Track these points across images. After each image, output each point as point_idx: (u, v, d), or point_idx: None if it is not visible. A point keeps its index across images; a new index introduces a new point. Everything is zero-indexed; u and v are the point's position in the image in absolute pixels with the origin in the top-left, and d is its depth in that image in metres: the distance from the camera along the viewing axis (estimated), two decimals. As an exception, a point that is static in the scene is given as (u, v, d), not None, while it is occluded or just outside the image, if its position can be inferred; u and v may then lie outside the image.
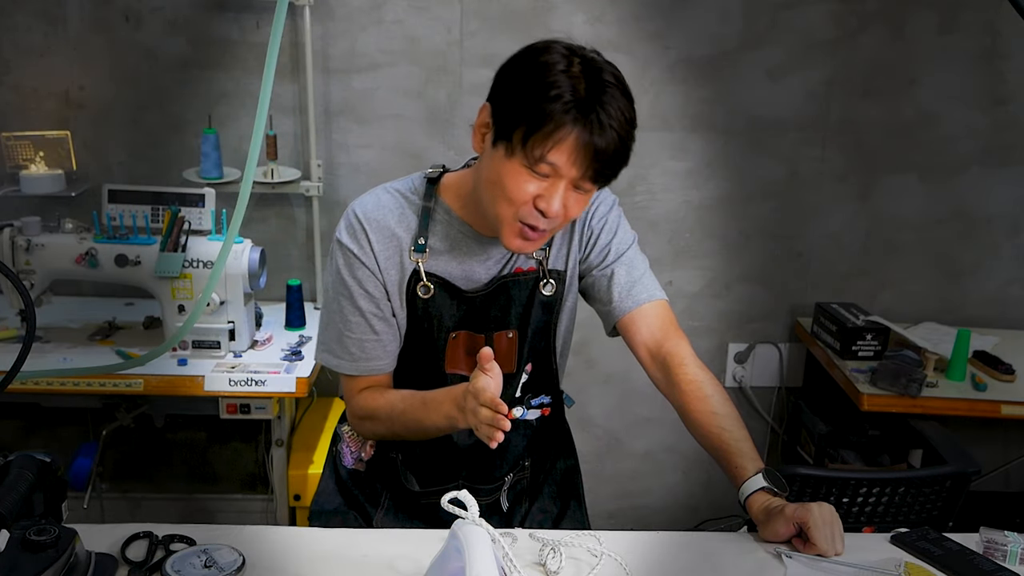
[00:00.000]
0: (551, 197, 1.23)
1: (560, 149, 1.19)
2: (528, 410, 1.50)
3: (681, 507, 2.99)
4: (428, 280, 1.37)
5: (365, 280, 1.36)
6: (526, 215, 1.25)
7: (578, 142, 1.19)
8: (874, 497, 1.78)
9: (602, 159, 1.20)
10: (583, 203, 1.28)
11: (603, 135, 1.18)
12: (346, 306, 1.38)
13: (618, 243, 1.44)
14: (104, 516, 2.57)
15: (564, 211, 1.25)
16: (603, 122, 1.18)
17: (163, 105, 2.57)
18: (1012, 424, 2.71)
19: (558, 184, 1.22)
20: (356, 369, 1.41)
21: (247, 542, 1.18)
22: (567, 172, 1.21)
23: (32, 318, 1.14)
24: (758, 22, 2.61)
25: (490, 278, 1.40)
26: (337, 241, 1.38)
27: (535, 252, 1.41)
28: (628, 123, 1.22)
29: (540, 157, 1.20)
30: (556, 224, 1.27)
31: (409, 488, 1.48)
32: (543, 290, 1.41)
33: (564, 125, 1.17)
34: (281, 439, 2.31)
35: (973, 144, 2.73)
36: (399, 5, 2.52)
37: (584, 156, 1.20)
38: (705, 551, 1.27)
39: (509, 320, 1.42)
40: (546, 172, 1.22)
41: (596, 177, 1.23)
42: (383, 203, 1.38)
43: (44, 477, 1.08)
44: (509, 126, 1.22)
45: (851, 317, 2.53)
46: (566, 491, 1.60)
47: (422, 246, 1.37)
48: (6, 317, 2.37)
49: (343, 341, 1.40)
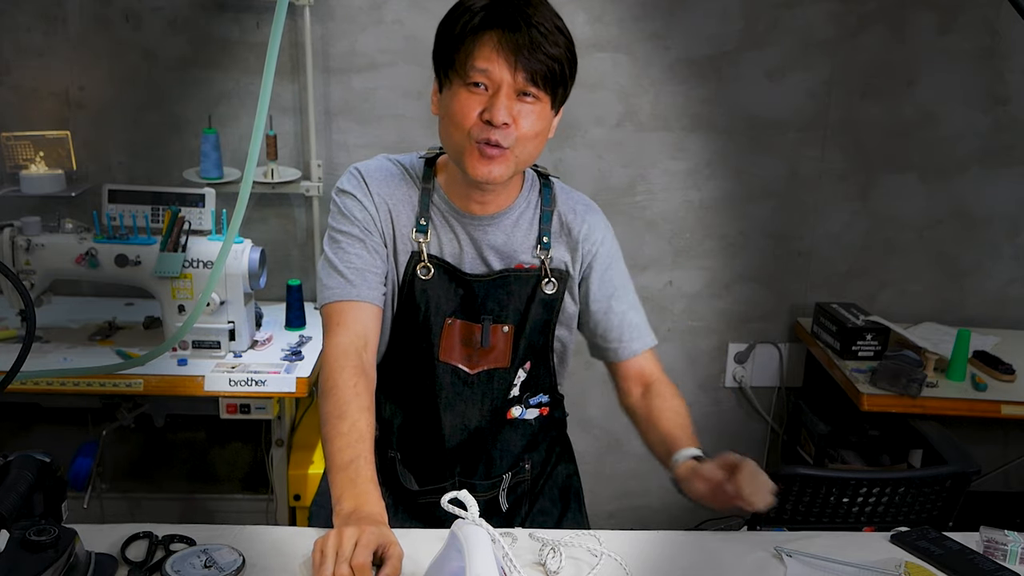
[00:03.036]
0: (494, 107, 1.24)
1: (482, 52, 1.22)
2: (527, 409, 1.50)
3: (681, 507, 2.95)
4: (429, 262, 1.37)
5: (358, 212, 1.36)
6: (477, 132, 1.26)
7: (497, 40, 1.22)
8: (874, 497, 1.78)
9: (528, 54, 1.22)
10: (539, 116, 1.28)
11: (524, 32, 1.22)
12: (338, 236, 1.36)
13: (620, 287, 1.47)
14: (104, 516, 2.57)
15: (516, 122, 1.25)
16: (521, 19, 1.22)
17: (163, 105, 2.57)
18: (1012, 424, 2.72)
19: (499, 93, 1.24)
20: (344, 292, 1.33)
21: (247, 542, 1.18)
22: (499, 74, 1.23)
23: (32, 318, 1.14)
24: (758, 22, 2.61)
25: (491, 264, 1.39)
26: (337, 189, 1.38)
27: (538, 252, 1.40)
28: (550, 21, 1.24)
29: (469, 67, 1.23)
30: (514, 138, 1.26)
31: (407, 488, 1.48)
32: (544, 288, 1.41)
33: (480, 30, 1.23)
34: (281, 439, 2.31)
35: (973, 144, 2.73)
36: (399, 5, 2.52)
37: (507, 53, 1.22)
38: (705, 551, 1.27)
39: (506, 315, 1.40)
40: (480, 81, 1.24)
41: (533, 78, 1.24)
42: (390, 171, 1.39)
43: (44, 477, 1.08)
44: (442, 60, 1.28)
45: (851, 317, 2.53)
46: (566, 494, 1.59)
47: (424, 227, 1.37)
48: (6, 317, 2.37)
49: (333, 268, 1.35)
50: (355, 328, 1.31)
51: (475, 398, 1.44)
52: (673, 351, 2.86)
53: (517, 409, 1.48)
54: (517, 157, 1.28)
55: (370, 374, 1.30)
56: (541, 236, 1.41)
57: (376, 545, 1.06)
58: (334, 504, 1.14)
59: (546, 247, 1.41)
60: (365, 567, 1.03)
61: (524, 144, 1.28)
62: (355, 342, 1.30)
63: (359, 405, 1.24)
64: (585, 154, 2.64)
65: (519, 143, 1.27)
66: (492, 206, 1.37)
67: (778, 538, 1.30)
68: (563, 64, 1.26)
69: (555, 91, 1.28)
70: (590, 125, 2.65)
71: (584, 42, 2.58)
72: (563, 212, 1.43)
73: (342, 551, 1.04)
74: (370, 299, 1.34)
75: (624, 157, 2.68)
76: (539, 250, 1.41)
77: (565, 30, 1.27)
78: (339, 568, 1.03)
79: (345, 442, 1.19)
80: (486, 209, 1.37)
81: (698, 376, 2.89)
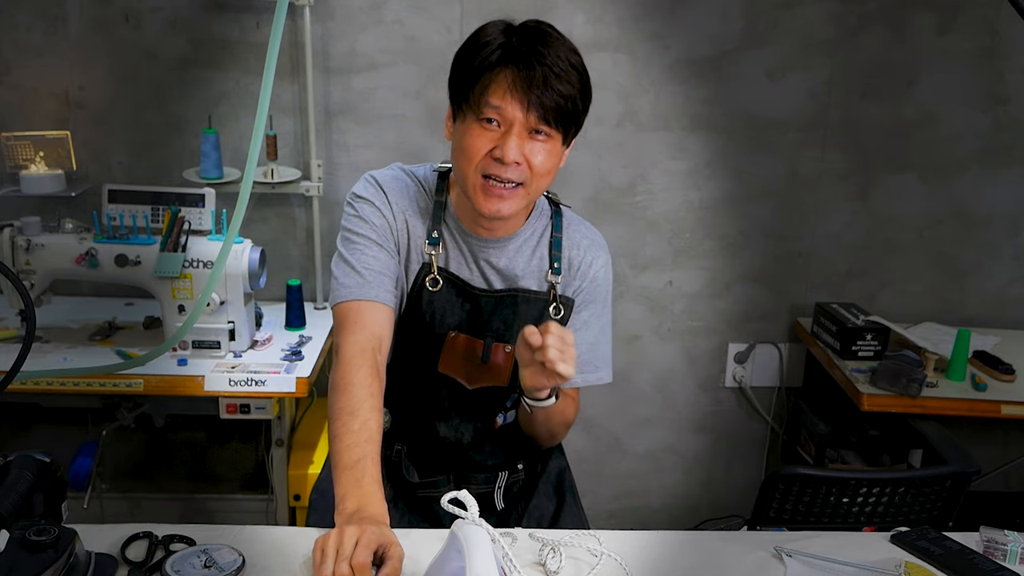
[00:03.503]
0: (505, 145, 1.25)
1: (496, 90, 1.24)
2: (507, 414, 1.51)
3: (681, 507, 2.99)
4: (438, 275, 1.38)
5: (375, 218, 1.37)
6: (486, 166, 1.27)
7: (511, 78, 1.23)
8: (874, 497, 1.78)
9: (541, 93, 1.23)
10: (550, 153, 1.29)
11: (537, 70, 1.22)
12: (354, 238, 1.37)
13: (594, 313, 1.47)
14: (104, 516, 2.57)
15: (527, 160, 1.27)
16: (536, 58, 1.23)
17: (163, 105, 2.57)
18: (1012, 424, 2.72)
19: (510, 131, 1.25)
20: (361, 292, 1.34)
21: (247, 542, 1.18)
22: (512, 113, 1.24)
23: (32, 318, 1.14)
24: (758, 22, 2.61)
25: (495, 284, 1.41)
26: (352, 195, 1.40)
27: (550, 275, 1.42)
28: (565, 59, 1.25)
29: (482, 103, 1.25)
30: (525, 175, 1.28)
31: (409, 480, 1.50)
32: (551, 313, 1.43)
33: (496, 66, 1.24)
34: (281, 439, 2.31)
35: (973, 144, 2.73)
36: (399, 5, 2.52)
37: (520, 92, 1.23)
38: (705, 551, 1.27)
39: (511, 335, 1.42)
40: (492, 117, 1.25)
41: (545, 116, 1.25)
42: (405, 182, 1.41)
43: (44, 477, 1.08)
44: (457, 92, 1.29)
45: (851, 317, 2.53)
46: (560, 488, 1.61)
47: (436, 240, 1.38)
48: (6, 317, 2.37)
49: (350, 267, 1.35)
50: (371, 328, 1.32)
51: (469, 411, 1.47)
52: (673, 351, 2.86)
53: (500, 417, 1.51)
54: (529, 193, 1.31)
55: (382, 376, 1.31)
56: (552, 262, 1.43)
57: (377, 545, 1.06)
58: (337, 502, 1.14)
59: (557, 272, 1.43)
60: (365, 567, 1.04)
61: (536, 181, 1.29)
62: (371, 342, 1.31)
63: (372, 405, 1.24)
64: (585, 154, 2.64)
65: (531, 180, 1.28)
66: (499, 231, 1.40)
67: (778, 538, 1.30)
68: (575, 102, 1.27)
69: (567, 128, 1.29)
70: (590, 125, 2.61)
71: (584, 42, 2.56)
72: (569, 244, 1.45)
73: (342, 550, 1.04)
74: (385, 300, 1.35)
75: (624, 157, 2.68)
76: (550, 275, 1.43)
77: (580, 66, 1.28)
78: (339, 567, 1.03)
79: (354, 440, 1.19)
80: (493, 233, 1.39)
81: (698, 376, 2.89)
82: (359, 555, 1.04)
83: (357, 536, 1.06)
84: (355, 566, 1.03)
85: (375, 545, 1.06)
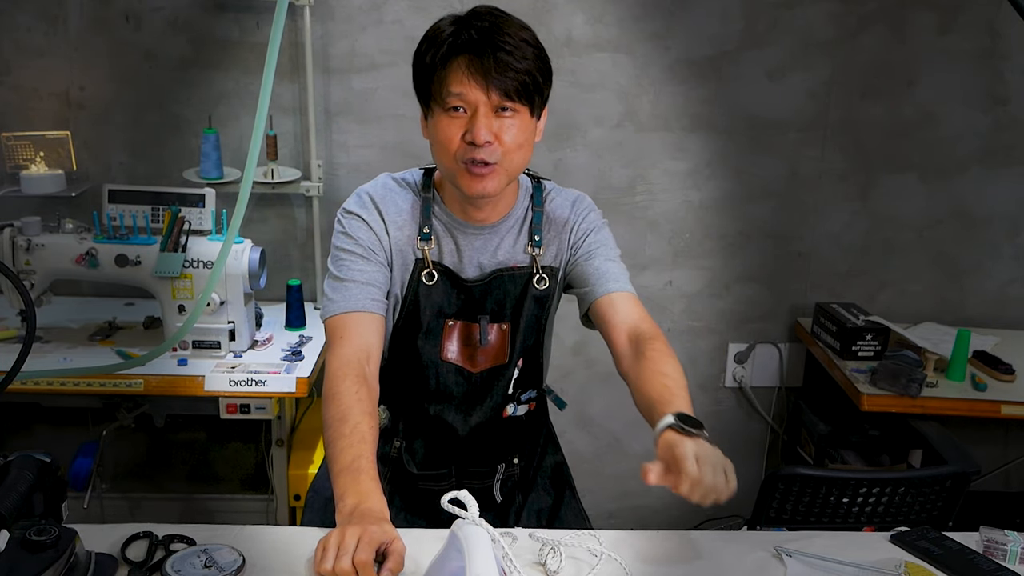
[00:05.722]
0: (474, 128, 1.28)
1: (453, 79, 1.28)
2: (519, 406, 1.54)
3: (681, 507, 2.96)
4: (433, 268, 1.42)
5: (363, 233, 1.40)
6: (463, 153, 1.31)
7: (466, 65, 1.27)
8: (874, 497, 1.78)
9: (498, 74, 1.26)
10: (520, 128, 1.31)
11: (489, 54, 1.26)
12: (341, 255, 1.39)
13: (602, 246, 1.48)
14: (104, 516, 2.57)
15: (499, 137, 1.30)
16: (486, 41, 1.26)
17: (163, 105, 2.57)
18: (1012, 424, 2.72)
19: (476, 114, 1.28)
20: (347, 304, 1.36)
21: (247, 542, 1.18)
22: (473, 96, 1.28)
23: (32, 318, 1.14)
24: (758, 22, 2.61)
25: (485, 270, 1.44)
26: (343, 210, 1.42)
27: (529, 248, 1.45)
28: (515, 35, 1.28)
29: (445, 94, 1.29)
30: (500, 154, 1.31)
31: (408, 471, 1.52)
32: (536, 285, 1.46)
33: (450, 57, 1.28)
34: (281, 439, 2.31)
35: (973, 144, 2.73)
36: (399, 5, 2.52)
37: (477, 75, 1.27)
38: (705, 551, 1.27)
39: (504, 313, 1.46)
40: (457, 104, 1.29)
41: (507, 94, 1.28)
42: (393, 189, 1.44)
43: (44, 477, 1.08)
44: (421, 91, 1.34)
45: (851, 317, 2.53)
46: (558, 483, 1.63)
47: (427, 235, 1.42)
48: (6, 317, 2.37)
49: (337, 281, 1.39)
50: (357, 341, 1.35)
51: (478, 396, 1.49)
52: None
53: (511, 407, 1.53)
54: (507, 169, 1.34)
55: (372, 384, 1.33)
56: (532, 235, 1.46)
57: (379, 543, 1.07)
58: (336, 502, 1.15)
59: (537, 244, 1.45)
60: (367, 564, 1.04)
61: (511, 156, 1.32)
62: (357, 354, 1.33)
63: (360, 410, 1.26)
64: (585, 154, 2.64)
65: (505, 156, 1.32)
66: (492, 215, 1.43)
67: (778, 538, 1.30)
68: (534, 75, 1.30)
69: (531, 100, 1.32)
70: (590, 125, 2.65)
71: (584, 42, 2.58)
72: (553, 208, 1.48)
73: (344, 547, 1.05)
74: (372, 309, 1.38)
75: (624, 157, 2.68)
76: (530, 247, 1.45)
77: (532, 40, 1.31)
78: (341, 562, 1.04)
79: (347, 443, 1.21)
80: (486, 219, 1.43)
81: (698, 376, 2.89)
82: (361, 552, 1.05)
83: (359, 535, 1.07)
84: (357, 563, 1.04)
85: (377, 543, 1.07)
